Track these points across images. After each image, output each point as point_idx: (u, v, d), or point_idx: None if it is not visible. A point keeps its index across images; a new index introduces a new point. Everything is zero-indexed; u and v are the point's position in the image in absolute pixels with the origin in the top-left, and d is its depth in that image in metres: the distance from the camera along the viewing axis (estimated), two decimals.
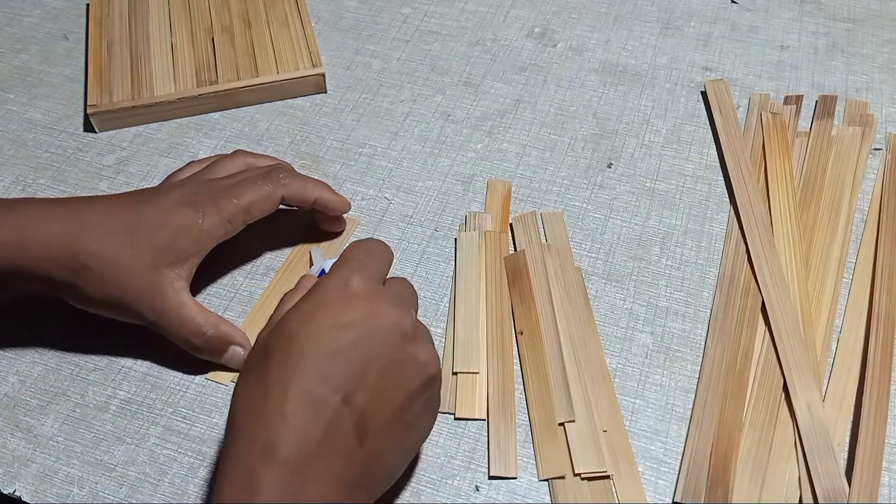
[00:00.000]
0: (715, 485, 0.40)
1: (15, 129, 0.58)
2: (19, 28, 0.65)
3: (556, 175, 0.54)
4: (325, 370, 0.33)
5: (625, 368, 0.45)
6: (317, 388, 0.33)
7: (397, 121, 0.58)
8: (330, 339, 0.34)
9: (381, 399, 0.34)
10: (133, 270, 0.41)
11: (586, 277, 0.49)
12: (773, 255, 0.49)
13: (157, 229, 0.42)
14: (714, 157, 0.56)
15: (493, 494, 0.41)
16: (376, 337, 0.35)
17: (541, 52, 0.63)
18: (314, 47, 0.60)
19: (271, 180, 0.45)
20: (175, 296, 0.42)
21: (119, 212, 0.43)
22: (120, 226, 0.42)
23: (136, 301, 0.42)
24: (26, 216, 0.41)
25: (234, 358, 0.44)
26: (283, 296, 0.39)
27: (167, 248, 0.42)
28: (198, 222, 0.43)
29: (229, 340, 0.44)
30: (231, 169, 0.47)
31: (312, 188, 0.47)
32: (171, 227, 0.42)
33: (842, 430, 0.42)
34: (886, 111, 0.58)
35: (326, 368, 0.33)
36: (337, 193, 0.49)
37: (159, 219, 0.42)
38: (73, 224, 0.41)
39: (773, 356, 0.45)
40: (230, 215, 0.44)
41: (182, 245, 0.42)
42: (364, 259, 0.38)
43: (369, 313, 0.35)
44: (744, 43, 0.64)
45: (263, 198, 0.45)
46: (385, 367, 0.35)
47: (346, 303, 0.35)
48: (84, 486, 0.41)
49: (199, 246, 0.43)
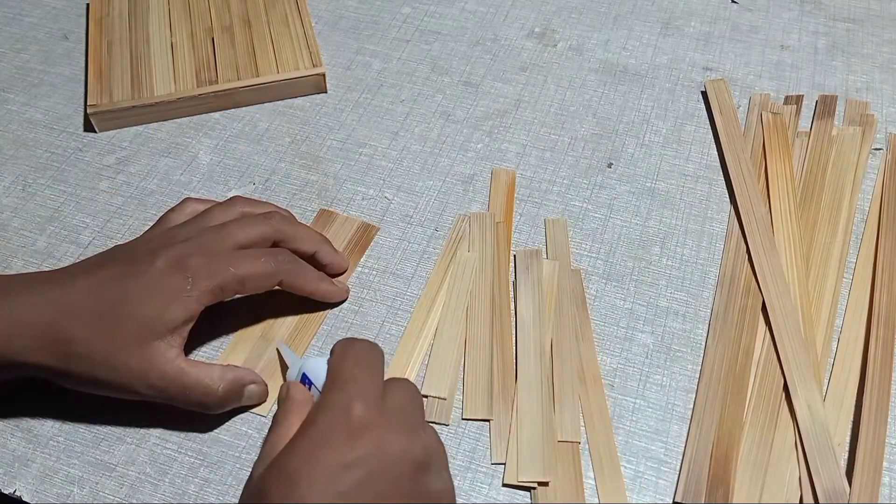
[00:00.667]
0: (715, 485, 0.40)
1: (15, 129, 0.58)
2: (19, 28, 0.65)
3: (556, 175, 0.54)
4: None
5: (625, 368, 0.45)
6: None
7: (397, 121, 0.58)
8: (336, 482, 0.31)
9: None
10: (122, 350, 0.39)
11: (586, 277, 0.49)
12: (774, 254, 0.49)
13: (144, 301, 0.39)
14: (714, 157, 0.56)
15: (494, 494, 0.41)
16: (386, 473, 0.32)
17: (541, 51, 0.63)
18: (314, 47, 0.60)
19: (275, 260, 0.43)
20: (171, 366, 0.40)
21: (103, 291, 0.40)
22: (105, 306, 0.39)
23: (131, 380, 0.39)
24: (12, 307, 0.39)
25: (254, 395, 0.42)
26: (273, 417, 0.37)
27: (155, 321, 0.39)
28: (186, 288, 0.40)
29: (241, 384, 0.42)
30: (225, 219, 0.44)
31: (311, 281, 0.45)
32: (157, 298, 0.40)
33: (842, 429, 0.42)
34: (886, 111, 0.58)
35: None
36: (333, 285, 0.47)
37: (146, 290, 0.40)
38: (57, 311, 0.39)
39: (774, 356, 0.45)
40: (223, 283, 0.41)
41: (171, 314, 0.40)
42: (360, 376, 0.35)
43: (377, 447, 0.32)
44: (744, 43, 0.64)
45: (262, 274, 0.42)
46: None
47: (351, 437, 0.32)
48: (84, 486, 0.41)
49: (189, 312, 0.40)
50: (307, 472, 0.32)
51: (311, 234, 0.47)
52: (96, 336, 0.39)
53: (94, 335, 0.39)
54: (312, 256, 0.46)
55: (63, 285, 0.40)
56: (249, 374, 0.43)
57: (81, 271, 0.42)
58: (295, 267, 0.44)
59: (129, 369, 0.39)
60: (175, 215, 0.46)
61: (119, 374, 0.39)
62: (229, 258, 0.42)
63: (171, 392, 0.40)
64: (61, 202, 0.53)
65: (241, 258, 0.42)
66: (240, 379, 0.42)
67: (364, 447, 0.32)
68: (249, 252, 0.43)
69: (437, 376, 0.44)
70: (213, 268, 0.41)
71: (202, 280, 0.40)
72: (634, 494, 0.41)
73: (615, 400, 0.44)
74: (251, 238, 0.43)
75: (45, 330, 0.39)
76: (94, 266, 0.42)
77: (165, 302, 0.40)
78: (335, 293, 0.47)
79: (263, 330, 0.46)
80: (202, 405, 0.41)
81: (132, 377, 0.39)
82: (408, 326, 0.47)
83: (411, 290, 0.48)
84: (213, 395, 0.41)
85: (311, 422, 0.34)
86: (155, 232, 0.45)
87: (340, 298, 0.47)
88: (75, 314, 0.39)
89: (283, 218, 0.46)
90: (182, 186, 0.54)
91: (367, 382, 0.35)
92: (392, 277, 0.49)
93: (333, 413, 0.34)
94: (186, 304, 0.40)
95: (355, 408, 0.33)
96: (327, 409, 0.34)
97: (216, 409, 0.42)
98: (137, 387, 0.40)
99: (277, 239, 0.45)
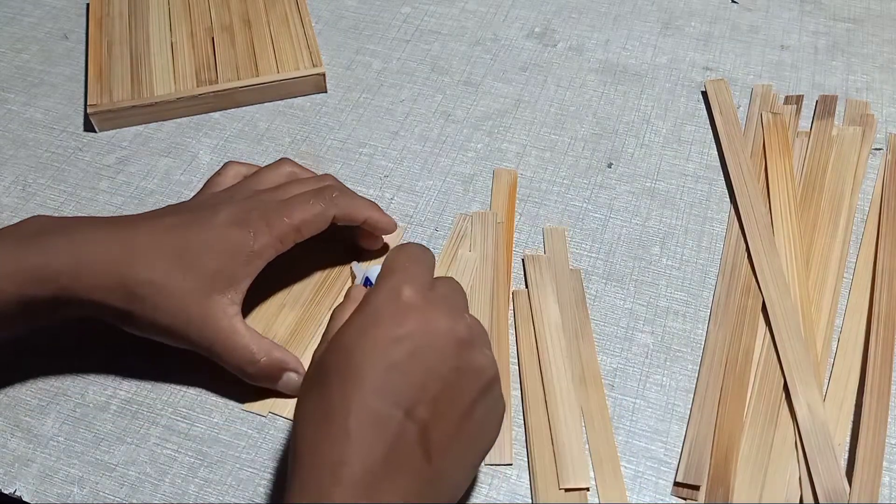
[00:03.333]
0: (715, 485, 0.40)
1: (15, 129, 0.58)
2: (19, 28, 0.65)
3: (556, 175, 0.54)
4: (384, 385, 0.33)
5: (625, 368, 0.45)
6: (379, 405, 0.33)
7: (397, 120, 0.58)
8: (387, 354, 0.34)
9: (443, 411, 0.34)
10: (184, 298, 0.40)
11: (586, 277, 0.49)
12: (774, 254, 0.49)
13: (208, 254, 0.41)
14: (714, 157, 0.56)
15: (494, 494, 0.41)
16: (433, 347, 0.34)
17: (541, 51, 0.63)
18: (314, 47, 0.60)
19: (323, 199, 0.44)
20: (228, 322, 0.41)
21: (168, 237, 0.41)
22: (170, 252, 0.41)
23: (188, 329, 0.41)
24: (82, 243, 0.40)
25: (290, 384, 0.43)
26: (332, 311, 0.39)
27: (219, 274, 0.41)
28: (249, 243, 0.42)
29: (283, 367, 0.43)
30: (276, 179, 0.46)
31: (363, 208, 0.46)
32: (221, 250, 0.41)
33: (842, 429, 0.42)
34: (887, 111, 0.58)
35: (386, 383, 0.33)
36: (385, 214, 0.48)
37: (210, 242, 0.41)
38: (124, 251, 0.41)
39: (774, 356, 0.45)
40: (282, 234, 0.43)
41: (233, 269, 0.41)
42: (410, 267, 0.37)
43: (424, 324, 0.35)
44: (744, 43, 0.64)
45: (315, 216, 0.44)
46: (444, 378, 0.34)
47: (400, 315, 0.35)
48: (84, 486, 0.41)
49: (251, 268, 0.42)
50: (361, 345, 0.34)
51: (363, 201, 0.48)
52: (161, 280, 0.40)
53: (158, 279, 0.40)
54: (365, 222, 0.47)
55: (129, 228, 0.42)
56: (295, 361, 0.43)
57: (146, 217, 0.43)
58: (344, 199, 0.46)
59: (188, 318, 0.41)
60: (221, 178, 0.48)
61: (178, 319, 0.41)
62: (282, 209, 0.43)
63: (220, 348, 0.41)
64: (61, 202, 0.53)
65: (292, 207, 0.43)
66: (283, 361, 0.43)
67: (411, 324, 0.34)
68: (298, 198, 0.44)
69: None
70: (271, 221, 0.43)
71: (263, 235, 0.42)
72: (634, 494, 0.41)
73: (615, 400, 0.44)
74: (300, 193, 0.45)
75: (111, 268, 0.40)
76: (158, 214, 0.44)
77: (229, 256, 0.41)
78: (387, 221, 0.48)
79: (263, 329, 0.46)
80: (240, 370, 0.42)
81: (190, 324, 0.41)
82: None
83: None
84: (253, 366, 0.42)
85: (366, 303, 0.36)
86: (204, 195, 0.47)
87: (392, 228, 0.48)
88: (142, 255, 0.41)
89: (333, 179, 0.48)
90: (182, 186, 0.54)
91: (417, 270, 0.37)
92: None
93: (385, 295, 0.36)
94: (250, 260, 0.42)
95: (405, 291, 0.35)
96: (380, 292, 0.36)
97: (252, 379, 0.43)
98: (192, 335, 0.41)
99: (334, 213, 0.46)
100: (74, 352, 0.46)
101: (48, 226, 0.42)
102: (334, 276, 0.49)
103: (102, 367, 0.45)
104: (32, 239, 0.40)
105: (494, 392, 0.37)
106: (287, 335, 0.46)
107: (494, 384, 0.36)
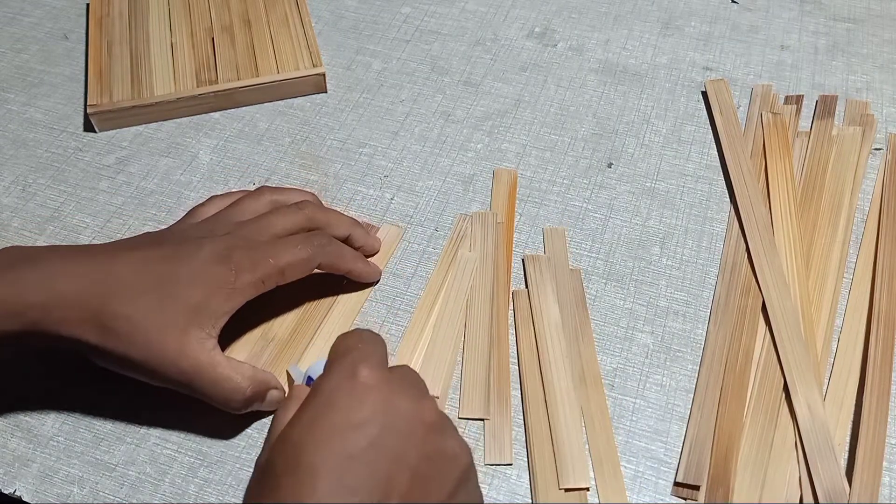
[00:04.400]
0: (715, 485, 0.40)
1: (15, 129, 0.58)
2: (19, 28, 0.65)
3: (556, 175, 0.54)
4: (344, 482, 0.29)
5: (625, 368, 0.45)
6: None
7: (397, 120, 0.58)
8: (345, 444, 0.30)
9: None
10: (162, 334, 0.39)
11: (586, 277, 0.49)
12: (774, 254, 0.49)
13: (189, 289, 0.39)
14: (714, 157, 0.56)
15: (494, 494, 0.41)
16: (398, 432, 0.31)
17: (541, 51, 0.63)
18: (314, 47, 0.60)
19: (311, 245, 0.43)
20: (207, 357, 0.39)
21: (149, 270, 0.40)
22: (150, 286, 0.39)
23: (165, 364, 0.39)
24: (54, 275, 0.39)
25: (273, 401, 0.42)
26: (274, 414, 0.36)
27: (198, 309, 0.39)
28: (230, 280, 0.40)
29: (267, 387, 0.42)
30: (257, 209, 0.45)
31: (348, 260, 0.46)
32: (202, 286, 0.40)
33: (842, 429, 0.42)
34: (887, 111, 0.58)
35: (345, 479, 0.29)
36: (370, 265, 0.48)
37: (191, 278, 0.40)
38: (100, 284, 0.39)
39: (774, 356, 0.45)
40: (265, 275, 0.41)
41: (213, 305, 0.40)
42: (363, 347, 0.34)
43: (385, 405, 0.31)
44: (744, 43, 0.64)
45: (301, 262, 0.43)
46: (414, 468, 0.30)
47: (357, 397, 0.31)
48: (84, 486, 0.41)
49: (230, 304, 0.40)
50: (313, 436, 0.30)
51: (343, 219, 0.48)
52: (138, 315, 0.39)
53: (135, 314, 0.38)
54: (346, 240, 0.47)
55: (106, 260, 0.40)
56: (274, 379, 0.42)
57: (124, 248, 0.42)
58: (331, 248, 0.45)
59: (164, 352, 0.39)
60: (204, 209, 0.47)
61: (153, 355, 0.39)
62: (268, 250, 0.42)
63: (200, 383, 0.39)
64: (61, 202, 0.53)
65: (279, 249, 0.42)
66: (266, 382, 0.42)
67: (372, 406, 0.31)
68: (286, 241, 0.43)
69: (431, 373, 0.45)
70: (256, 260, 0.41)
71: (245, 273, 0.41)
72: (634, 494, 0.41)
73: (615, 400, 0.44)
74: (287, 229, 0.44)
75: (85, 303, 0.38)
76: (138, 245, 0.42)
77: (210, 291, 0.40)
78: (370, 272, 0.48)
79: (263, 330, 0.46)
80: (227, 401, 0.40)
81: (166, 361, 0.39)
82: (409, 326, 0.47)
83: (411, 289, 0.48)
84: (240, 393, 0.40)
85: (315, 392, 0.33)
86: (185, 224, 0.46)
87: (375, 277, 0.48)
88: (118, 289, 0.39)
89: (314, 206, 0.47)
90: (182, 186, 0.54)
91: (370, 349, 0.34)
92: (392, 277, 0.49)
93: (338, 377, 0.33)
94: (230, 296, 0.40)
95: (360, 370, 0.32)
96: (331, 375, 0.33)
97: (240, 408, 0.41)
98: (169, 371, 0.39)
99: (311, 227, 0.45)
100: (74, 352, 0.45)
101: (20, 258, 0.40)
102: (334, 276, 0.49)
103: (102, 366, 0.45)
104: (3, 272, 0.38)
105: (472, 482, 0.33)
106: (287, 335, 0.46)
107: (471, 473, 0.33)
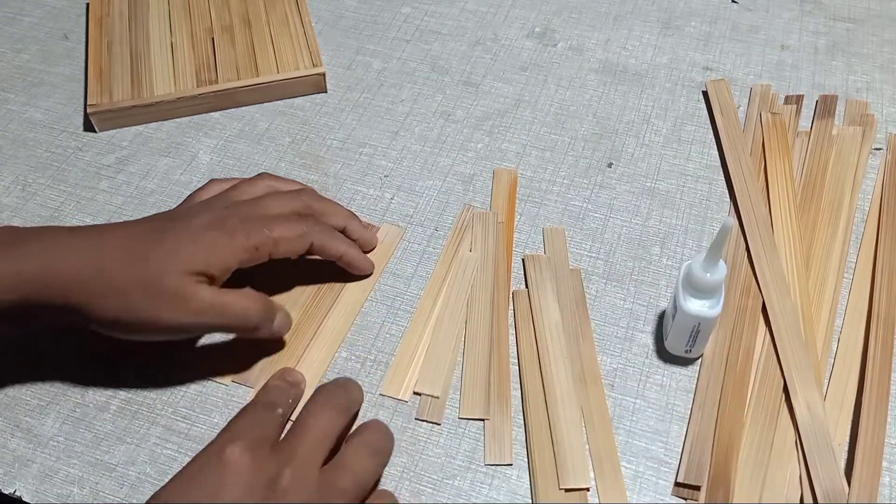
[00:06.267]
0: (715, 485, 0.40)
1: (15, 129, 0.58)
2: (19, 28, 0.65)
3: (556, 175, 0.54)
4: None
5: (625, 368, 0.45)
6: None
7: (398, 120, 0.58)
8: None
9: None
10: (160, 283, 0.39)
11: (586, 277, 0.49)
12: (774, 254, 0.49)
13: (183, 250, 0.40)
14: (714, 157, 0.56)
15: (494, 494, 0.41)
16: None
17: (541, 51, 0.63)
18: (314, 47, 0.60)
19: (307, 223, 0.44)
20: (208, 292, 0.40)
21: (144, 237, 0.41)
22: (145, 250, 0.40)
23: (170, 311, 0.40)
24: (50, 247, 0.40)
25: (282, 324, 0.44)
26: None
27: (193, 263, 0.40)
28: (225, 242, 0.41)
29: (273, 306, 0.43)
30: (255, 192, 0.46)
31: (341, 244, 0.46)
32: (197, 247, 0.41)
33: (842, 429, 0.42)
34: (887, 111, 0.58)
35: None
36: (363, 254, 0.48)
37: (185, 241, 0.41)
38: (95, 251, 0.40)
39: (774, 356, 0.45)
40: (259, 243, 0.42)
41: (211, 260, 0.41)
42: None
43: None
44: (744, 43, 0.64)
45: (295, 237, 0.44)
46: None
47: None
48: (84, 486, 0.41)
49: (226, 263, 0.41)
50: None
51: (340, 210, 0.48)
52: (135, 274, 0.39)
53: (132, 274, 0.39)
54: (342, 231, 0.47)
55: (100, 232, 0.42)
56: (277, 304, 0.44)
57: (118, 224, 0.43)
58: (326, 231, 0.46)
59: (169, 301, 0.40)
60: (202, 192, 0.47)
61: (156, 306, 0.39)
62: (264, 221, 0.43)
63: (210, 315, 0.41)
64: (61, 202, 0.53)
65: (273, 220, 0.43)
66: (270, 301, 0.43)
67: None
68: (282, 216, 0.44)
69: (431, 374, 0.45)
70: (250, 228, 0.42)
71: (240, 236, 0.42)
72: (634, 494, 0.41)
73: (615, 400, 0.44)
74: (283, 212, 0.45)
75: (82, 270, 0.39)
76: (130, 222, 0.43)
77: (205, 251, 0.41)
78: (363, 261, 0.48)
79: None
80: (243, 321, 0.42)
81: (172, 306, 0.40)
82: (409, 326, 0.47)
83: (411, 289, 0.48)
84: (253, 309, 0.42)
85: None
86: (183, 206, 0.47)
87: (367, 269, 0.48)
88: (114, 255, 0.40)
89: (311, 194, 0.47)
90: (182, 186, 0.54)
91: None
92: (392, 277, 0.49)
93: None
94: (224, 257, 0.41)
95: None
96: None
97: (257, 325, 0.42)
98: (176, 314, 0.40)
99: (307, 214, 0.46)
100: (74, 352, 0.46)
101: (16, 235, 0.41)
102: (334, 276, 0.49)
103: (102, 367, 0.45)
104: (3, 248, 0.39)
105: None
106: (287, 335, 0.46)
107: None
